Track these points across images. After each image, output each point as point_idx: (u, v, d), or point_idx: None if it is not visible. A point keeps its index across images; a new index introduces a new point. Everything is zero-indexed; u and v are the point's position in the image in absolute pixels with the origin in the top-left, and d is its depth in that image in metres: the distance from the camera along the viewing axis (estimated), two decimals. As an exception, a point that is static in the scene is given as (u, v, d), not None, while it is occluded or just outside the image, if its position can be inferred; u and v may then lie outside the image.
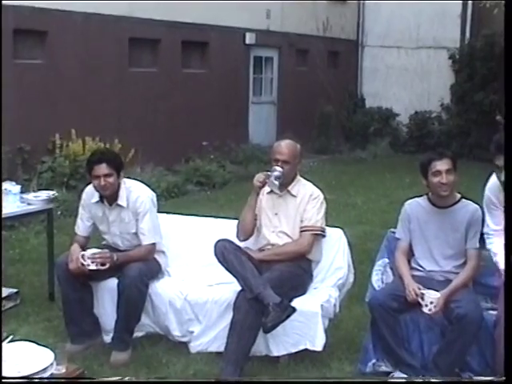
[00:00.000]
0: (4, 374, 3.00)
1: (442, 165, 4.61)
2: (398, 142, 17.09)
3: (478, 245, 4.65)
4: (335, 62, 17.69)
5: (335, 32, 17.16)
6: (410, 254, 4.86)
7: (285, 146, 5.05)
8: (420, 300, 4.49)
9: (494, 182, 4.52)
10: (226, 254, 4.78)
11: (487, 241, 4.50)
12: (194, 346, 4.99)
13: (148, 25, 11.80)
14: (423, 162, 4.73)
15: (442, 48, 17.14)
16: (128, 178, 5.24)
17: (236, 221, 5.34)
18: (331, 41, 17.07)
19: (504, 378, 3.46)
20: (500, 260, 4.28)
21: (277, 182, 4.80)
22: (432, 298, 4.46)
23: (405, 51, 17.95)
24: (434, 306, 4.45)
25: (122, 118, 11.38)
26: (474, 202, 4.75)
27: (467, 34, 17.07)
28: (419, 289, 4.51)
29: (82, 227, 5.20)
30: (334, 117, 16.18)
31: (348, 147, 16.40)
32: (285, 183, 5.03)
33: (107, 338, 5.06)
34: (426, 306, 4.46)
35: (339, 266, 5.19)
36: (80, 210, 5.25)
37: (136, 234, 5.11)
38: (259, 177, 5.03)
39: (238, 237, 5.16)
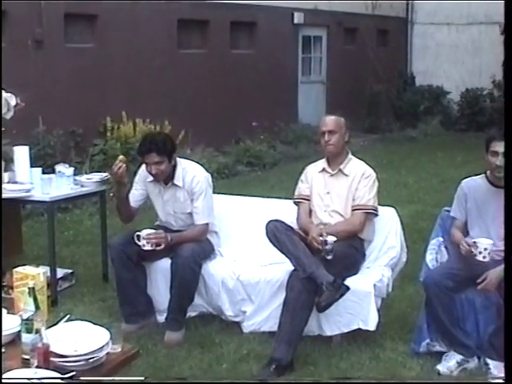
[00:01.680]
0: (61, 352, 3.03)
1: (501, 146, 4.43)
2: (449, 120, 16.87)
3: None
4: (384, 40, 17.50)
5: (384, 10, 16.96)
6: (465, 234, 4.79)
7: (327, 118, 5.10)
8: (473, 250, 4.42)
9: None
10: (277, 234, 4.75)
11: None
12: (247, 326, 5.00)
13: (196, 6, 11.81)
14: (486, 139, 4.61)
15: (493, 23, 16.79)
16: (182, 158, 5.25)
17: (287, 201, 5.33)
18: (380, 19, 16.87)
19: (504, 378, 3.42)
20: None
21: (330, 257, 4.72)
22: (485, 245, 4.40)
23: (455, 27, 17.68)
24: (489, 253, 4.39)
25: (172, 99, 11.42)
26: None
27: (520, 9, 16.69)
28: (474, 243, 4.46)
29: (132, 197, 5.22)
30: (384, 95, 16.05)
31: (398, 126, 16.24)
32: (335, 154, 5.05)
33: (161, 318, 5.10)
34: (480, 253, 4.40)
35: (392, 246, 5.15)
36: (134, 182, 5.28)
37: (190, 213, 5.12)
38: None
39: None
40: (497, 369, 4.43)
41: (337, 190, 5.06)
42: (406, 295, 5.58)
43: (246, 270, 5.06)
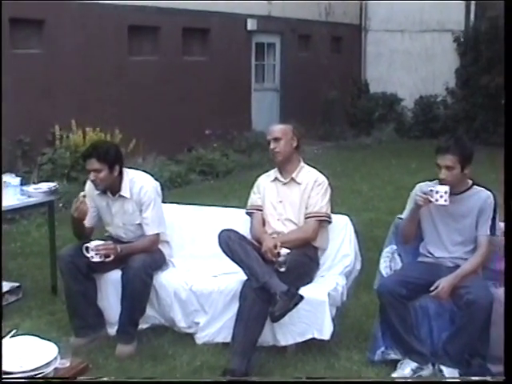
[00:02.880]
0: (6, 369, 2.93)
1: (442, 160, 4.52)
2: (403, 127, 16.99)
3: (488, 231, 4.58)
4: (338, 47, 17.57)
5: (338, 17, 17.04)
6: (419, 239, 4.79)
7: (273, 127, 5.14)
8: (430, 198, 4.44)
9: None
10: (230, 243, 4.72)
11: None
12: (200, 337, 4.94)
13: (147, 12, 11.68)
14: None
15: (446, 31, 16.99)
16: (131, 168, 5.17)
17: (241, 210, 5.29)
18: (334, 26, 16.94)
19: (504, 378, 3.41)
20: None
21: (283, 269, 4.68)
22: (444, 188, 4.43)
23: (409, 35, 17.80)
24: (441, 196, 4.42)
25: (123, 107, 11.27)
26: (485, 188, 4.67)
27: (472, 17, 16.91)
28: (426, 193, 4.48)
29: (87, 218, 5.12)
30: (338, 103, 16.07)
31: (352, 133, 16.28)
32: (284, 160, 5.04)
33: (112, 331, 4.99)
34: (441, 197, 4.42)
35: (346, 254, 5.14)
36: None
37: (140, 225, 5.04)
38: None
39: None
40: (451, 376, 4.42)
41: (289, 198, 5.04)
42: (361, 303, 5.55)
43: (199, 281, 5.00)
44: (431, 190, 4.45)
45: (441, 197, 4.42)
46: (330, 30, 16.83)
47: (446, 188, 4.43)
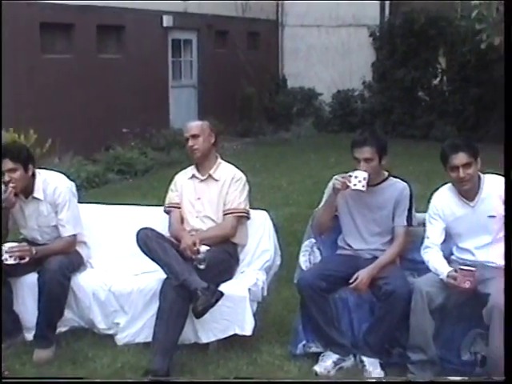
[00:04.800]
0: None
1: (361, 153, 4.59)
2: (322, 121, 17.13)
3: (405, 222, 4.66)
4: (255, 43, 17.60)
5: (254, 12, 17.02)
6: (337, 232, 4.83)
7: (189, 124, 5.14)
8: (348, 182, 4.48)
9: (444, 193, 4.57)
10: (148, 242, 4.68)
11: (423, 252, 4.52)
12: (121, 338, 4.88)
13: (60, 9, 11.43)
14: None
15: (361, 26, 17.20)
16: (45, 168, 5.07)
17: (160, 208, 5.25)
18: (251, 21, 16.94)
19: (504, 378, 3.46)
20: (439, 271, 4.33)
21: (202, 266, 4.67)
22: (363, 174, 4.46)
23: (325, 30, 17.95)
24: (359, 181, 4.46)
25: (37, 107, 11.01)
26: (401, 179, 4.74)
27: (386, 12, 17.19)
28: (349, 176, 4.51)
29: None
30: (256, 99, 16.09)
31: (271, 129, 16.32)
32: (202, 157, 5.04)
33: (29, 336, 4.87)
34: (360, 182, 4.46)
35: (265, 249, 5.14)
36: None
37: (56, 226, 4.94)
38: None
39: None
40: (372, 366, 4.50)
41: (207, 195, 5.04)
42: (282, 298, 5.57)
43: (118, 281, 4.94)
44: (350, 175, 4.49)
45: (359, 182, 4.45)
46: (247, 25, 16.84)
47: (365, 174, 4.47)
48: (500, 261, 4.36)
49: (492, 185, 4.42)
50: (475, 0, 10.95)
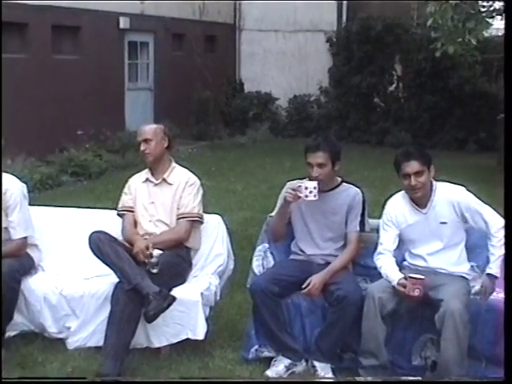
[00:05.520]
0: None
1: (314, 158, 4.61)
2: (278, 126, 17.17)
3: (358, 228, 4.69)
4: (212, 46, 17.57)
5: (212, 15, 17.02)
6: (290, 238, 4.84)
7: (142, 128, 5.12)
8: (299, 194, 4.48)
9: (397, 200, 4.61)
10: (100, 245, 4.65)
11: (376, 258, 4.57)
12: (72, 342, 4.82)
13: (14, 8, 11.25)
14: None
15: (319, 31, 17.30)
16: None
17: (113, 211, 5.23)
18: (208, 25, 16.91)
19: (504, 378, 3.48)
20: (390, 278, 4.37)
21: (155, 271, 4.65)
22: (313, 184, 4.47)
23: (282, 35, 18.01)
24: (311, 192, 4.46)
25: (-10, 108, 10.84)
26: (354, 185, 4.77)
27: (344, 18, 17.31)
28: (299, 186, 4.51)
29: None
30: (213, 102, 16.06)
31: (227, 133, 16.30)
32: (154, 161, 5.02)
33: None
34: (311, 192, 4.46)
35: (219, 253, 5.14)
36: None
37: (6, 228, 4.85)
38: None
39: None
40: (324, 370, 4.53)
41: (161, 199, 5.02)
42: (235, 302, 5.57)
43: (70, 284, 4.89)
44: (299, 186, 4.50)
45: (310, 192, 4.46)
46: (204, 28, 16.80)
47: (315, 183, 4.48)
48: (452, 267, 4.43)
49: (444, 192, 4.48)
50: (431, 7, 11.10)
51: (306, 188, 4.47)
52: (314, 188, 4.47)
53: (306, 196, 4.48)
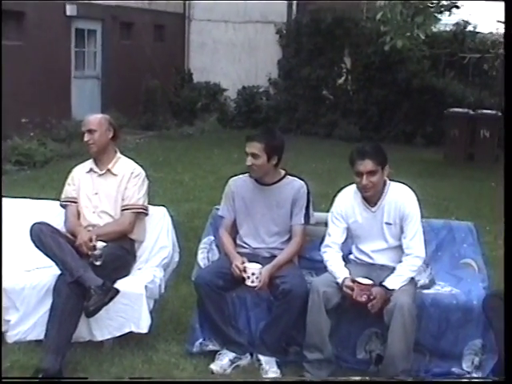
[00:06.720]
0: None
1: (249, 147, 4.61)
2: (226, 117, 17.13)
3: (302, 221, 4.67)
4: (161, 36, 17.45)
5: (161, 5, 16.89)
6: (235, 231, 4.81)
7: (86, 118, 5.06)
8: (243, 273, 4.45)
9: (348, 194, 4.58)
10: (42, 237, 4.55)
11: (323, 250, 4.55)
12: (11, 336, 4.72)
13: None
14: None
15: (269, 23, 17.30)
16: None
17: (56, 202, 5.14)
18: (157, 14, 16.78)
19: (504, 378, 3.47)
20: (336, 275, 4.37)
21: (98, 263, 4.58)
22: (253, 270, 4.44)
23: (232, 25, 17.96)
24: (257, 278, 4.44)
25: None
26: (298, 177, 4.75)
27: (294, 9, 17.31)
28: (243, 263, 4.47)
29: None
30: (161, 92, 15.94)
31: (175, 123, 16.19)
32: (98, 152, 4.96)
33: None
34: (249, 278, 4.44)
35: (163, 245, 5.09)
36: None
37: None
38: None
39: None
40: (268, 364, 4.51)
41: (105, 190, 4.95)
42: (180, 295, 5.53)
43: (10, 276, 4.77)
44: (245, 267, 4.46)
45: (248, 277, 4.44)
46: (153, 18, 16.67)
47: (256, 270, 4.45)
48: (396, 264, 4.43)
49: (395, 194, 4.47)
50: (380, 2, 11.18)
51: (253, 274, 4.44)
52: (253, 274, 4.44)
53: (251, 281, 4.44)
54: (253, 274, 4.43)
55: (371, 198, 4.46)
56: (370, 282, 4.26)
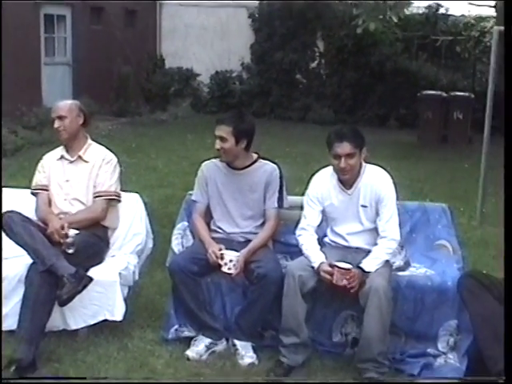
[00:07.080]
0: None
1: (217, 130, 4.58)
2: (200, 102, 17.09)
3: (276, 204, 4.65)
4: (132, 21, 17.32)
5: (132, -11, 16.75)
6: (209, 216, 4.78)
7: (56, 105, 5.03)
8: (219, 260, 4.43)
9: (324, 177, 4.56)
10: (13, 226, 4.48)
11: (298, 233, 4.54)
12: (-17, 327, 4.65)
13: None
14: None
15: (241, 7, 17.22)
16: None
17: (27, 190, 5.07)
18: (128, -2, 16.63)
19: (504, 378, 3.46)
20: (311, 259, 4.35)
21: (71, 251, 4.52)
22: (231, 257, 4.42)
23: (204, 10, 17.86)
24: (234, 265, 4.41)
25: None
26: (271, 161, 4.72)
27: (266, -7, 17.25)
28: (220, 250, 4.44)
29: None
30: (133, 78, 15.84)
31: (148, 109, 16.13)
32: (69, 139, 4.93)
33: None
34: (226, 264, 4.42)
35: (137, 232, 5.07)
36: None
37: None
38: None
39: None
40: (244, 349, 4.50)
41: (77, 177, 4.90)
42: (155, 282, 5.50)
43: (-20, 267, 4.70)
44: (222, 254, 4.43)
45: (225, 264, 4.42)
46: (124, 3, 16.52)
47: (234, 257, 4.42)
48: (372, 247, 4.42)
49: (371, 177, 4.46)
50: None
51: (231, 261, 4.42)
52: (230, 261, 4.42)
53: (228, 267, 4.42)
54: (230, 260, 4.41)
55: (348, 180, 4.44)
56: (349, 266, 4.25)
